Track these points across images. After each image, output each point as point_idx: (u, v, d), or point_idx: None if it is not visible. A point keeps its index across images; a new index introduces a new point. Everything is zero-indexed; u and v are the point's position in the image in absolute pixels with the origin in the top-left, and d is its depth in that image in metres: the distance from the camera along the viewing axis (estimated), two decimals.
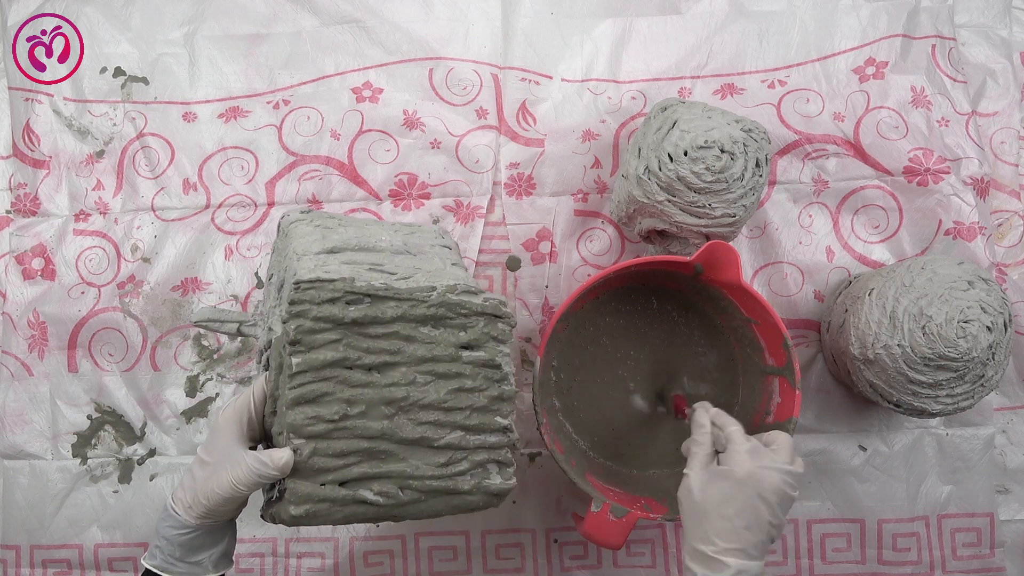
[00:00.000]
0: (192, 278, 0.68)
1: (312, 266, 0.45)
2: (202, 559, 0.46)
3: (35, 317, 0.68)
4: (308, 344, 0.44)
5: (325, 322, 0.44)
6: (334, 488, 0.44)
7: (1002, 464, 0.65)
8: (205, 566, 0.46)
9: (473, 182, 0.68)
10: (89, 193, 0.69)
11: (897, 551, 0.64)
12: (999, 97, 0.68)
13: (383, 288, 0.45)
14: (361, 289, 0.45)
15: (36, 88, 0.70)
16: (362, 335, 0.45)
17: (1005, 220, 0.67)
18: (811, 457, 0.65)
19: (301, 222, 0.52)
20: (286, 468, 0.43)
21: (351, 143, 0.68)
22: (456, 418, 0.46)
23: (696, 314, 0.63)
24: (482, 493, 0.47)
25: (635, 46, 0.69)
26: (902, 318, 0.54)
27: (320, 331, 0.44)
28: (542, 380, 0.56)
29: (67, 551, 0.66)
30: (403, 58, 0.69)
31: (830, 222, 0.66)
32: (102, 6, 0.71)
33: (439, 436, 0.46)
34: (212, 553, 0.47)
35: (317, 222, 0.52)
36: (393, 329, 0.45)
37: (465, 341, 0.47)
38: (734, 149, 0.55)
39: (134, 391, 0.67)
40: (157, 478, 0.66)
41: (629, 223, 0.63)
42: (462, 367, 0.47)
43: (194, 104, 0.70)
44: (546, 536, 0.65)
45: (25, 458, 0.67)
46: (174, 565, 0.46)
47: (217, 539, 0.47)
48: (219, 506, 0.44)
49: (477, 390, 0.47)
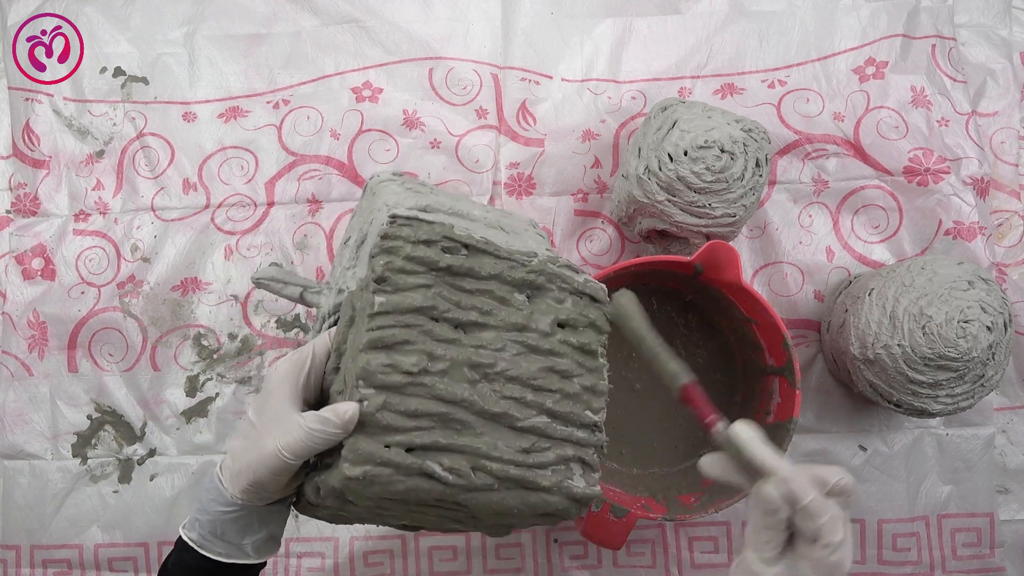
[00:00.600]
0: (192, 278, 0.68)
1: (409, 205, 0.41)
2: (244, 543, 0.41)
3: (35, 317, 0.68)
4: (395, 284, 0.38)
5: (418, 264, 0.39)
6: (400, 452, 0.37)
7: (1002, 464, 0.65)
8: (246, 551, 0.41)
9: (473, 182, 0.68)
10: (89, 193, 0.69)
11: (897, 551, 0.64)
12: (999, 97, 0.68)
13: (483, 242, 0.41)
14: (460, 238, 0.40)
15: (36, 88, 0.70)
16: (455, 287, 0.40)
17: (1005, 220, 0.67)
18: (811, 457, 0.65)
19: (392, 182, 0.47)
20: (350, 424, 0.36)
21: (351, 143, 0.68)
22: (544, 400, 0.40)
23: (696, 314, 0.63)
24: (563, 495, 0.39)
25: (635, 46, 0.69)
26: (902, 318, 0.54)
27: (411, 272, 0.39)
28: None
29: (67, 551, 0.66)
30: (403, 58, 0.69)
31: (830, 222, 0.66)
32: (102, 6, 0.71)
33: (524, 416, 0.39)
34: (256, 538, 0.41)
35: (409, 185, 0.47)
36: (488, 287, 0.40)
37: (562, 319, 0.42)
38: (734, 149, 0.55)
39: (134, 391, 0.67)
40: (157, 478, 0.66)
41: (629, 223, 0.63)
42: (557, 345, 0.41)
43: (194, 104, 0.70)
44: (546, 536, 0.66)
45: (25, 458, 0.67)
46: (213, 544, 0.41)
47: (263, 522, 0.41)
48: (265, 477, 0.38)
49: (570, 375, 0.41)
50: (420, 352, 0.38)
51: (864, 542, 0.64)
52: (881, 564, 0.64)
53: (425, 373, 0.38)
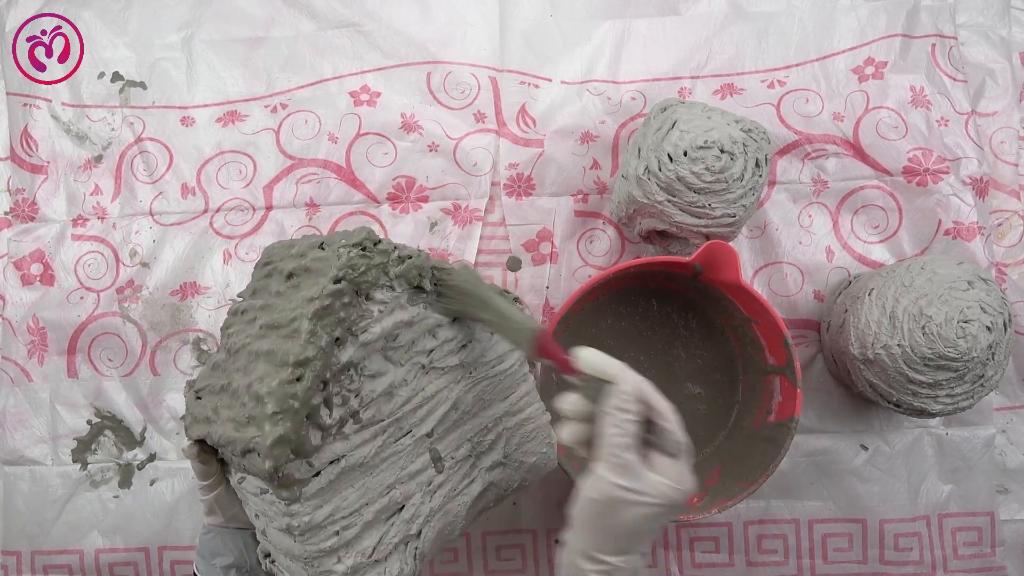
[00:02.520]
0: (191, 282, 0.68)
1: None
2: (214, 562, 0.45)
3: (34, 322, 0.67)
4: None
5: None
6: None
7: (1002, 464, 0.65)
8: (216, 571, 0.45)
9: (471, 185, 0.68)
10: (87, 198, 0.69)
11: (899, 551, 0.64)
12: (999, 97, 0.68)
13: None
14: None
15: (35, 91, 0.70)
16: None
17: (1005, 220, 0.67)
18: (813, 457, 0.65)
19: None
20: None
21: (349, 146, 0.68)
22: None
23: (696, 314, 0.63)
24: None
25: (634, 47, 0.69)
26: (902, 318, 0.54)
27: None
28: (543, 382, 0.56)
29: (68, 556, 0.66)
30: (401, 62, 0.69)
31: (830, 222, 0.66)
32: (100, 10, 0.70)
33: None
34: (225, 561, 0.45)
35: None
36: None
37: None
38: (734, 149, 0.55)
39: (134, 396, 0.67)
40: (157, 483, 0.66)
41: (629, 223, 0.63)
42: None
43: (192, 108, 0.70)
44: (547, 537, 0.65)
45: (25, 464, 0.67)
46: (198, 561, 0.46)
47: (227, 547, 0.45)
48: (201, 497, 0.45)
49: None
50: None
51: (866, 542, 0.64)
52: (883, 564, 0.64)
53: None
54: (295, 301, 0.39)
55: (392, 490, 0.41)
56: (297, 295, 0.39)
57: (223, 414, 0.39)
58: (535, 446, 0.48)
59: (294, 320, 0.38)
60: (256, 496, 0.40)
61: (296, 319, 0.38)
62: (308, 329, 0.37)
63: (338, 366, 0.38)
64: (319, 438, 0.37)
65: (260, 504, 0.40)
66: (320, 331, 0.37)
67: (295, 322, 0.38)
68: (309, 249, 0.41)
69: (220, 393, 0.41)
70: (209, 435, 0.40)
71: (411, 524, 0.42)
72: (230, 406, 0.39)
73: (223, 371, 0.41)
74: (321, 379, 0.37)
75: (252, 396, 0.37)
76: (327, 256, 0.39)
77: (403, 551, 0.42)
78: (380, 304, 0.40)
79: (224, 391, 0.40)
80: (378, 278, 0.40)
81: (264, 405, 0.36)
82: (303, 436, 0.36)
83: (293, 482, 0.37)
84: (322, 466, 0.38)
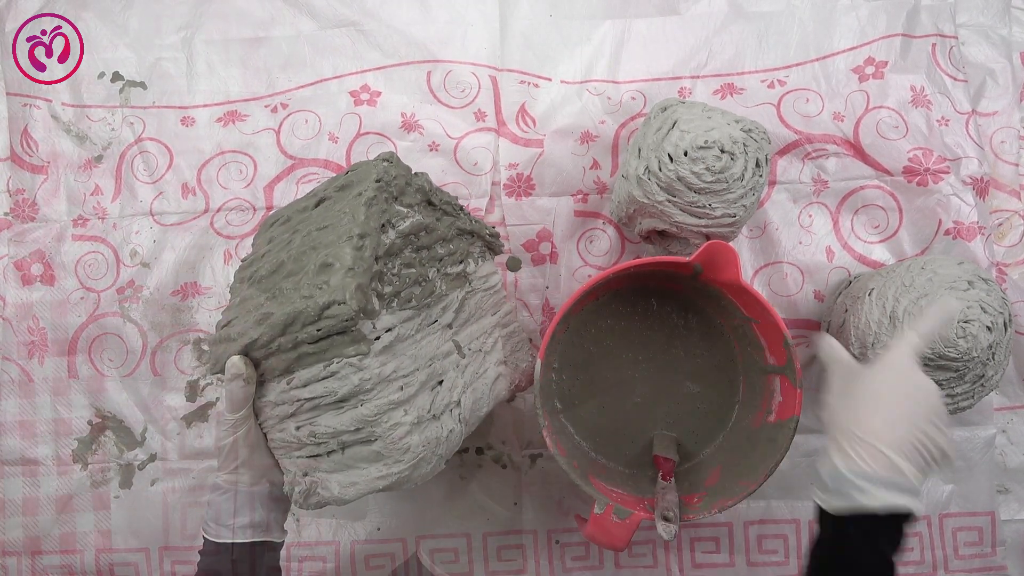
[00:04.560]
0: (191, 282, 0.68)
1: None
2: (230, 523, 0.46)
3: (35, 323, 0.67)
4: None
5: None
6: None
7: (1002, 464, 0.65)
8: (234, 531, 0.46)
9: (471, 184, 0.68)
10: (87, 198, 0.69)
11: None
12: (999, 97, 0.68)
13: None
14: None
15: (35, 91, 0.70)
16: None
17: (1005, 220, 0.67)
18: (813, 457, 0.65)
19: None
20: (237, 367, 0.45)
21: (349, 146, 0.68)
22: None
23: (696, 314, 0.63)
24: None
25: (634, 47, 0.69)
26: (902, 318, 0.54)
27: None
28: (543, 382, 0.56)
29: (68, 556, 0.66)
30: (401, 61, 0.69)
31: (830, 222, 0.66)
32: (100, 10, 0.71)
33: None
34: (241, 522, 0.46)
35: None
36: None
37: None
38: (734, 149, 0.55)
39: (134, 396, 0.67)
40: (158, 483, 0.66)
41: (629, 223, 0.63)
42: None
43: (192, 108, 0.70)
44: (548, 537, 0.66)
45: (26, 464, 0.67)
46: (208, 527, 0.46)
47: (247, 507, 0.46)
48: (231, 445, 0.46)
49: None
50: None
51: None
52: None
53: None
54: (342, 203, 0.46)
55: (433, 363, 0.48)
56: (345, 198, 0.47)
57: (285, 296, 0.44)
58: (523, 355, 0.59)
59: (344, 215, 0.45)
60: (301, 401, 0.44)
61: (350, 211, 0.45)
62: (364, 212, 0.44)
63: (384, 247, 0.45)
64: (377, 305, 0.44)
65: (307, 408, 0.44)
66: (371, 217, 0.44)
67: (348, 213, 0.45)
68: (335, 180, 0.49)
69: (264, 293, 0.46)
70: (256, 341, 0.43)
71: (452, 392, 0.49)
72: (295, 287, 0.44)
73: (258, 282, 0.48)
74: (375, 254, 0.44)
75: (321, 266, 0.43)
76: (364, 167, 0.48)
77: (451, 414, 0.48)
78: (407, 207, 0.48)
79: (272, 286, 0.46)
80: (404, 186, 0.48)
81: (338, 267, 0.42)
82: (370, 295, 0.43)
83: (362, 338, 0.42)
84: (381, 331, 0.44)
